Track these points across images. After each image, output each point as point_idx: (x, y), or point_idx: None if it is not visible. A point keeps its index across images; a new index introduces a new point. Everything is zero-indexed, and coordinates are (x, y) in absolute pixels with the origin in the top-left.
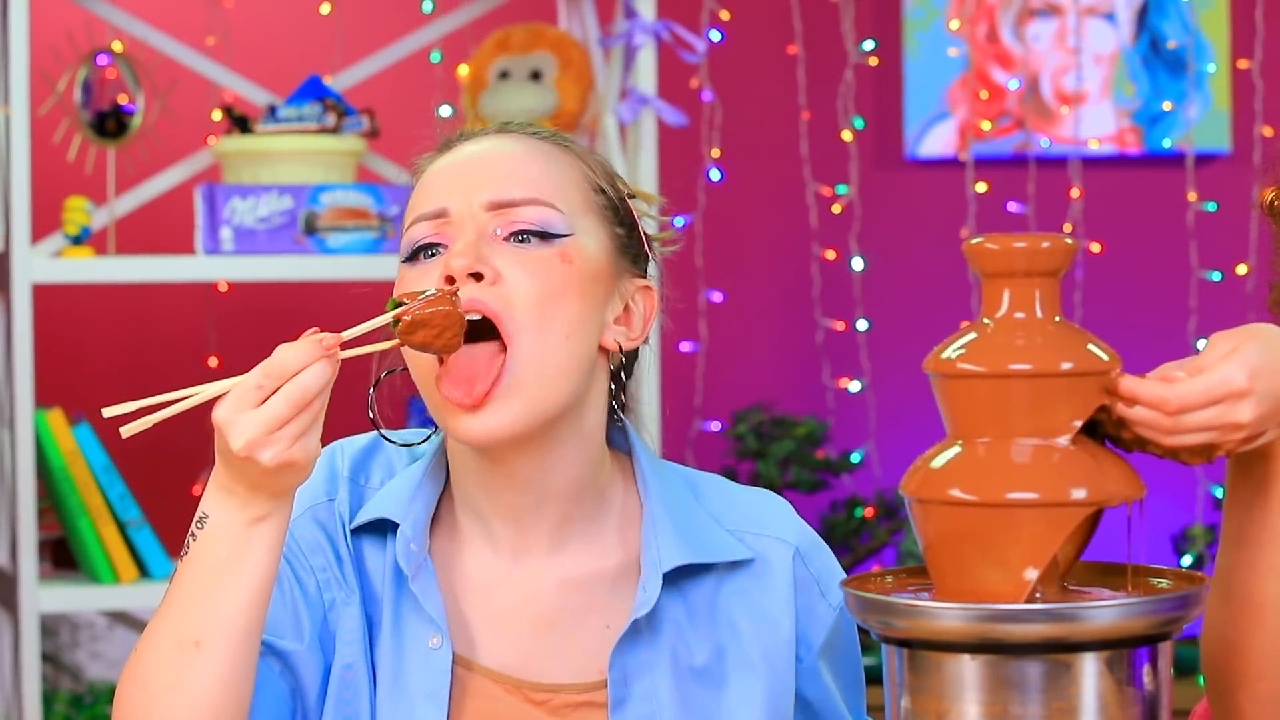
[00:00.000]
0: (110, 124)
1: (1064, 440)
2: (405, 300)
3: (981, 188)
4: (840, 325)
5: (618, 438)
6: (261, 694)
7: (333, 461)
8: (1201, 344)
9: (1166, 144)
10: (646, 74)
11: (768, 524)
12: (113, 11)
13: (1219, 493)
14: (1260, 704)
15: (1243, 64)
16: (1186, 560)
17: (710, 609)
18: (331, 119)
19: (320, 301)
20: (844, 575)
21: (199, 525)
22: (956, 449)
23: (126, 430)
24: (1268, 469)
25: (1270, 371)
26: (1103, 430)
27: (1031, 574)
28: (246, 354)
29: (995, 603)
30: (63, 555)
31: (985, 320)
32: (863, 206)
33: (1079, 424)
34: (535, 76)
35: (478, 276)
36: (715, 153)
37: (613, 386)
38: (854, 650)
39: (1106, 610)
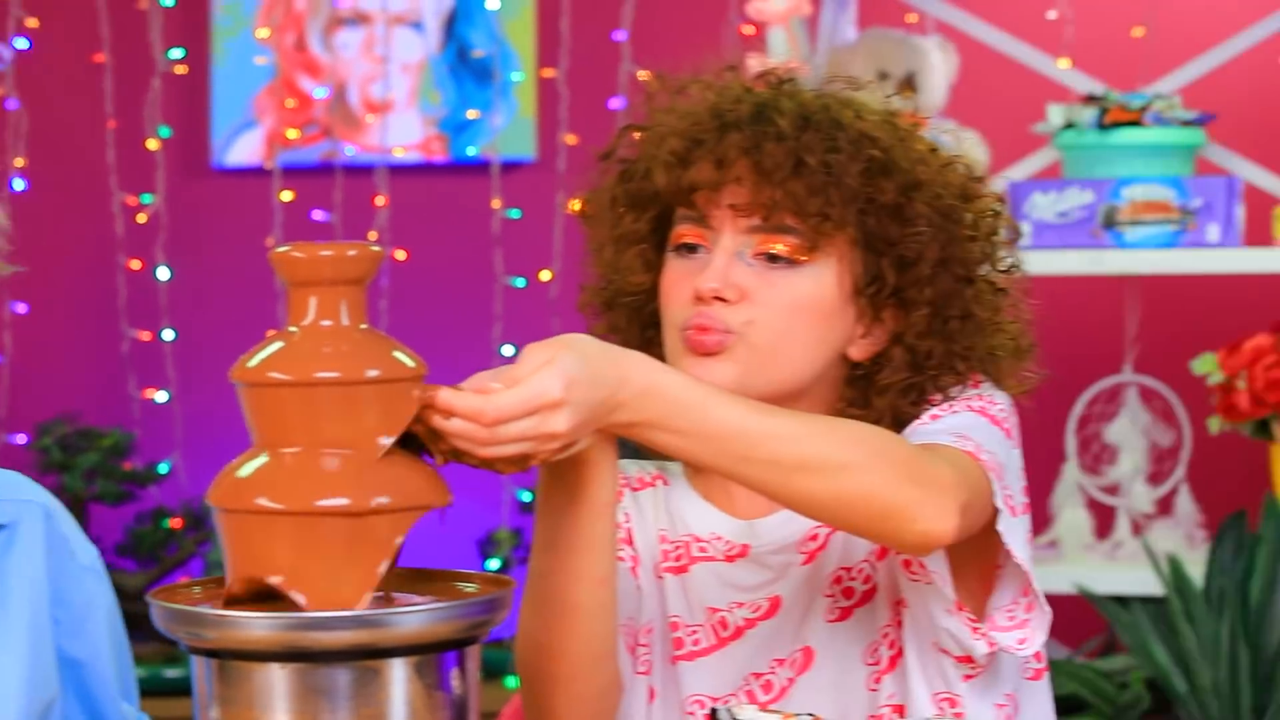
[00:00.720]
0: None
1: (372, 449)
2: None
3: (288, 196)
4: (146, 335)
5: None
6: None
7: None
8: (508, 349)
9: (472, 152)
10: None
11: (19, 488)
12: None
13: (525, 497)
14: (574, 704)
15: (548, 73)
16: (494, 564)
17: None
18: None
19: None
20: (85, 538)
21: None
22: (264, 458)
23: None
24: (580, 476)
25: (585, 382)
26: (419, 442)
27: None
28: None
29: (304, 610)
30: None
31: (292, 329)
32: (169, 215)
33: (390, 440)
34: None
35: None
36: (20, 162)
37: None
38: (117, 616)
39: (414, 616)
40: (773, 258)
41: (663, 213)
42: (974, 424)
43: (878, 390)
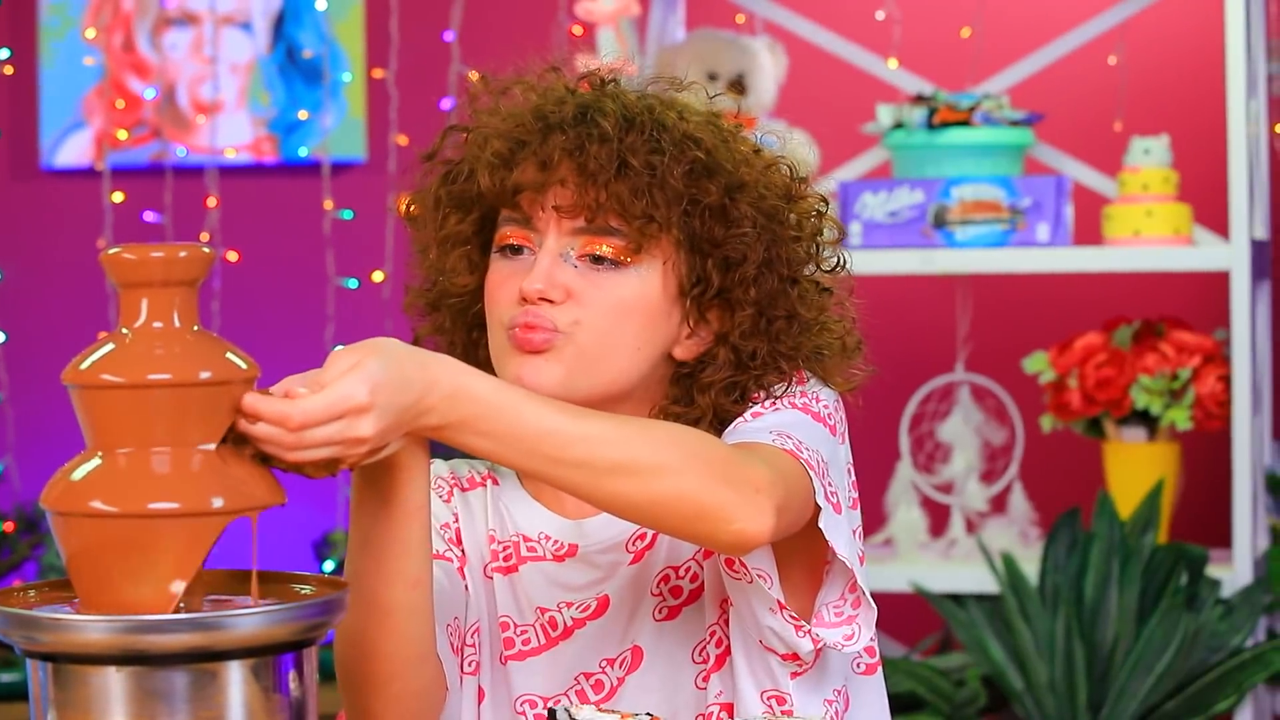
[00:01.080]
0: None
1: (205, 451)
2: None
3: (119, 197)
4: None
5: None
6: None
7: None
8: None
9: (303, 152)
10: None
11: None
12: None
13: None
14: (391, 704)
15: (378, 73)
16: (329, 565)
17: None
18: None
19: None
20: None
21: None
22: (98, 460)
23: None
24: (392, 480)
25: (391, 386)
26: (231, 444)
27: (178, 585)
28: None
29: (140, 614)
30: None
31: (124, 331)
32: None
33: (213, 445)
34: None
35: None
36: None
37: None
38: None
39: (250, 618)
40: (598, 259)
41: (487, 214)
42: (796, 421)
43: (701, 388)
